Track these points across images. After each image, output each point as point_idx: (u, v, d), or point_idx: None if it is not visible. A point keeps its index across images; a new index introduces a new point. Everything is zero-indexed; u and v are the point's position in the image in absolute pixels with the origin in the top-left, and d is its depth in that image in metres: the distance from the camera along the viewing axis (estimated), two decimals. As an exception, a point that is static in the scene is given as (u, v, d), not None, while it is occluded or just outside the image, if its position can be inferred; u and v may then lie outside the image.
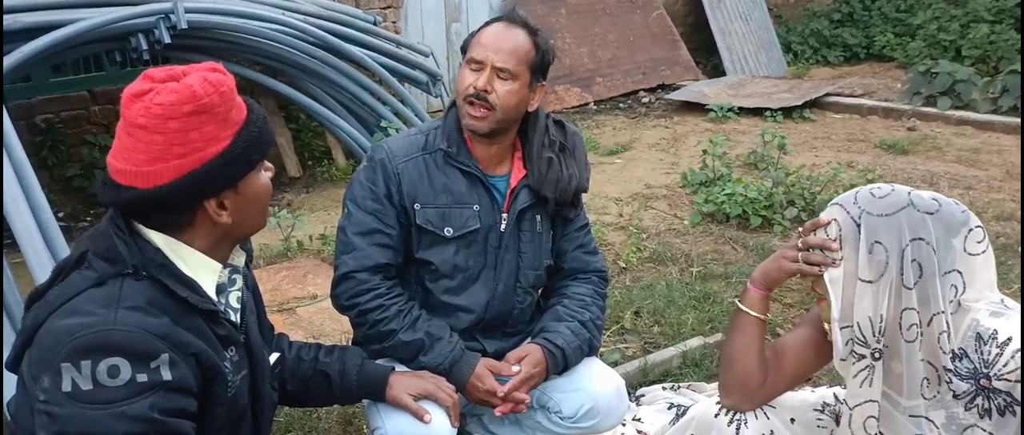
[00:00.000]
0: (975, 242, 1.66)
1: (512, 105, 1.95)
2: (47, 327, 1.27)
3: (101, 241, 1.35)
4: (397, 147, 2.02)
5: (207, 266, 1.42)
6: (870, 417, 1.72)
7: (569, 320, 2.09)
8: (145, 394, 1.24)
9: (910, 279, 1.62)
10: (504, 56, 1.92)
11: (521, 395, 1.97)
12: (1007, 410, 1.60)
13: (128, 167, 1.32)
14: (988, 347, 1.60)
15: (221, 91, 1.33)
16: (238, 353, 1.46)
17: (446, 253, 2.02)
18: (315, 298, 3.64)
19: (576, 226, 2.19)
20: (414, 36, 6.83)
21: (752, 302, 1.89)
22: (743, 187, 4.50)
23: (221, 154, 1.34)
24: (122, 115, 1.33)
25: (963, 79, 6.78)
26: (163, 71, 1.35)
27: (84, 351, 1.23)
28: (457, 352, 1.98)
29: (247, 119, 1.39)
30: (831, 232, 1.70)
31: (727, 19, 8.73)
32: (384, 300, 1.96)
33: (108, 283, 1.31)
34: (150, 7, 4.25)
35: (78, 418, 1.22)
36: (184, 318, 1.34)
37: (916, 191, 1.69)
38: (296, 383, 1.83)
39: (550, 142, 2.08)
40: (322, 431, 2.59)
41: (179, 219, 1.38)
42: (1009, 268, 3.68)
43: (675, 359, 2.98)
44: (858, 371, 1.70)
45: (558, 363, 2.04)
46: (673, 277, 3.74)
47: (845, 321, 1.69)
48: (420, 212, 1.99)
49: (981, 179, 5.18)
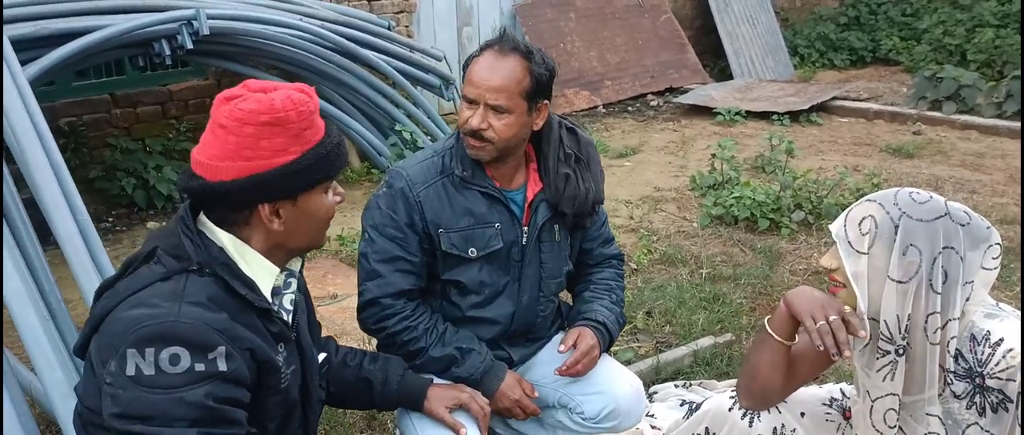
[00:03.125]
0: (991, 258, 1.75)
1: (511, 136, 1.95)
2: (116, 316, 1.38)
3: (170, 238, 1.46)
4: (415, 174, 2.02)
5: (265, 268, 1.51)
6: (890, 409, 1.81)
7: (602, 298, 2.21)
8: (202, 382, 1.34)
9: (938, 284, 1.69)
10: (495, 94, 1.90)
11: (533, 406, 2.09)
12: (999, 407, 1.69)
13: (203, 159, 1.43)
14: (982, 347, 1.68)
15: (299, 109, 1.43)
16: (289, 350, 1.56)
17: (471, 272, 2.07)
18: (335, 298, 3.75)
19: (597, 226, 2.27)
20: (426, 40, 6.94)
21: (781, 324, 1.89)
22: (751, 190, 4.59)
23: (285, 166, 1.43)
24: (211, 114, 1.44)
25: (968, 84, 6.86)
26: (259, 83, 1.47)
27: (148, 340, 1.32)
28: (487, 363, 2.06)
29: (321, 141, 1.47)
30: (865, 227, 1.75)
31: (734, 23, 8.82)
32: (410, 321, 2.03)
33: (174, 278, 1.41)
34: (174, 14, 4.36)
35: (140, 401, 1.31)
36: (241, 315, 1.44)
37: (950, 201, 1.76)
38: (339, 386, 1.92)
39: (565, 156, 2.09)
40: (347, 426, 2.69)
41: (237, 216, 1.47)
42: (1011, 271, 3.77)
43: (686, 358, 3.07)
44: (882, 366, 1.78)
45: (604, 337, 2.14)
46: (683, 278, 3.84)
47: (872, 314, 1.76)
48: (444, 236, 2.02)
49: (985, 183, 5.26)
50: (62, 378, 2.23)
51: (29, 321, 2.25)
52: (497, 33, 2.02)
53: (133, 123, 5.51)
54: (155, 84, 5.61)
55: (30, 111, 2.64)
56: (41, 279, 2.47)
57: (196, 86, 5.78)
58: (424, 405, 1.95)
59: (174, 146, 5.48)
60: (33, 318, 2.25)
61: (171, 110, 5.67)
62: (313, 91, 1.50)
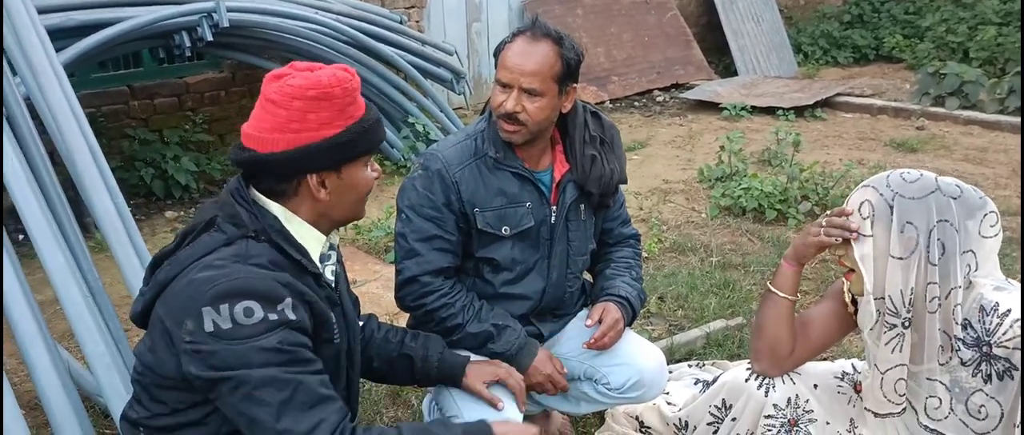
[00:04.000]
0: (989, 226, 1.84)
1: (544, 118, 2.05)
2: (185, 278, 1.47)
3: (226, 209, 1.56)
4: (451, 156, 2.11)
5: (314, 236, 1.62)
6: (900, 379, 1.91)
7: (623, 275, 2.31)
8: (275, 330, 1.44)
9: (935, 256, 1.80)
10: (529, 78, 1.99)
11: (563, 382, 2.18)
12: (1005, 375, 1.79)
13: (253, 133, 1.54)
14: (990, 317, 1.78)
15: (344, 86, 1.53)
16: (337, 314, 1.66)
17: (504, 249, 2.16)
18: (354, 283, 3.84)
19: (617, 206, 2.38)
20: (436, 35, 7.03)
21: (784, 279, 2.05)
22: (759, 182, 4.68)
23: (330, 138, 1.53)
24: (261, 91, 1.54)
25: (971, 80, 6.95)
26: (305, 64, 1.57)
27: (222, 296, 1.42)
28: (522, 339, 2.15)
29: (362, 117, 1.58)
30: (864, 212, 1.86)
31: (739, 20, 8.91)
32: (447, 299, 2.11)
33: (236, 243, 1.52)
34: (194, 6, 4.46)
35: (223, 352, 1.42)
36: (298, 276, 1.54)
37: (941, 176, 1.87)
38: (382, 361, 2.01)
39: (590, 138, 2.18)
40: (373, 401, 2.79)
41: (286, 187, 1.57)
42: (1013, 260, 3.86)
43: (699, 340, 3.17)
44: (889, 339, 1.88)
45: (628, 311, 2.24)
46: (694, 266, 3.93)
47: (878, 293, 1.86)
48: (479, 216, 2.11)
49: (988, 177, 5.36)
50: (105, 351, 2.31)
51: (72, 296, 2.33)
52: (527, 21, 2.11)
53: (151, 114, 5.61)
54: (172, 76, 5.71)
55: (68, 96, 2.72)
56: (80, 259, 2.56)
57: (212, 78, 5.88)
58: (463, 381, 2.03)
59: (191, 137, 5.58)
60: (76, 293, 2.34)
61: (188, 102, 5.77)
62: (354, 71, 1.60)
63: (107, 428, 2.62)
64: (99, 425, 2.60)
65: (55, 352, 2.31)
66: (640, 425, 2.51)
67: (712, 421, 2.23)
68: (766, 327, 2.07)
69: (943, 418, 1.90)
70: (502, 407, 2.00)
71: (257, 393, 1.42)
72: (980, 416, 1.84)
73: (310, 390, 1.45)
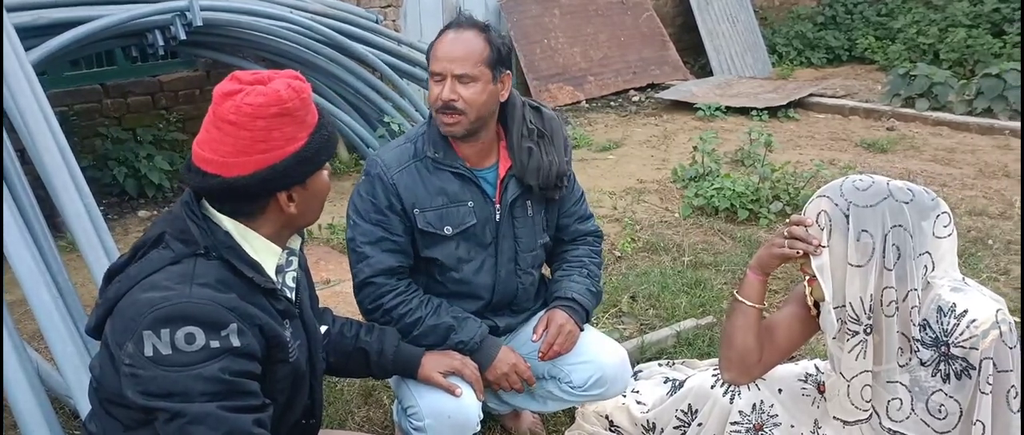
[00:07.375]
0: (942, 226, 1.87)
1: (481, 103, 2.06)
2: (130, 299, 1.43)
3: (176, 224, 1.52)
4: (390, 159, 2.14)
5: (269, 250, 1.58)
6: (866, 385, 1.94)
7: (571, 275, 2.33)
8: (217, 358, 1.39)
9: (891, 261, 1.83)
10: (459, 63, 2.01)
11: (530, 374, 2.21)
12: (963, 374, 1.82)
13: (215, 157, 1.47)
14: (947, 318, 1.81)
15: (301, 97, 1.48)
16: (294, 325, 1.64)
17: (448, 249, 2.19)
18: (328, 283, 3.84)
19: (571, 201, 2.38)
20: (413, 34, 7.03)
21: (750, 289, 2.08)
22: (731, 182, 4.73)
23: (297, 153, 1.49)
24: (213, 111, 1.48)
25: (940, 82, 7.05)
26: (250, 75, 1.50)
27: (164, 321, 1.38)
28: (483, 331, 2.18)
29: (319, 123, 1.53)
30: (821, 222, 1.90)
31: (714, 21, 8.98)
32: (404, 296, 2.14)
33: (183, 261, 1.47)
34: (167, 4, 4.44)
35: (160, 379, 1.37)
36: (249, 295, 1.50)
37: (892, 181, 1.90)
38: (337, 356, 2.02)
39: (529, 131, 2.18)
40: (345, 401, 2.80)
41: (252, 207, 1.53)
42: (979, 259, 3.94)
43: (670, 339, 3.20)
44: (853, 346, 1.91)
45: (578, 311, 2.26)
46: (666, 265, 3.97)
47: (838, 302, 1.90)
48: (420, 216, 2.13)
49: (955, 177, 5.45)
50: (74, 351, 2.31)
51: (42, 299, 2.33)
52: (456, 18, 2.14)
53: (124, 113, 5.57)
54: (145, 75, 5.67)
55: (37, 96, 2.71)
56: (49, 259, 2.55)
57: (186, 77, 5.85)
58: (419, 372, 2.06)
59: (164, 136, 5.55)
60: (45, 296, 2.33)
61: (161, 100, 5.73)
62: (303, 76, 1.55)
63: (77, 429, 2.61)
64: (69, 426, 2.59)
65: (24, 352, 2.31)
66: (610, 424, 2.54)
67: (679, 425, 2.27)
68: (735, 337, 2.10)
69: (905, 418, 1.93)
70: (460, 393, 2.03)
71: (190, 428, 1.37)
72: (940, 415, 1.88)
73: (243, 432, 1.41)
